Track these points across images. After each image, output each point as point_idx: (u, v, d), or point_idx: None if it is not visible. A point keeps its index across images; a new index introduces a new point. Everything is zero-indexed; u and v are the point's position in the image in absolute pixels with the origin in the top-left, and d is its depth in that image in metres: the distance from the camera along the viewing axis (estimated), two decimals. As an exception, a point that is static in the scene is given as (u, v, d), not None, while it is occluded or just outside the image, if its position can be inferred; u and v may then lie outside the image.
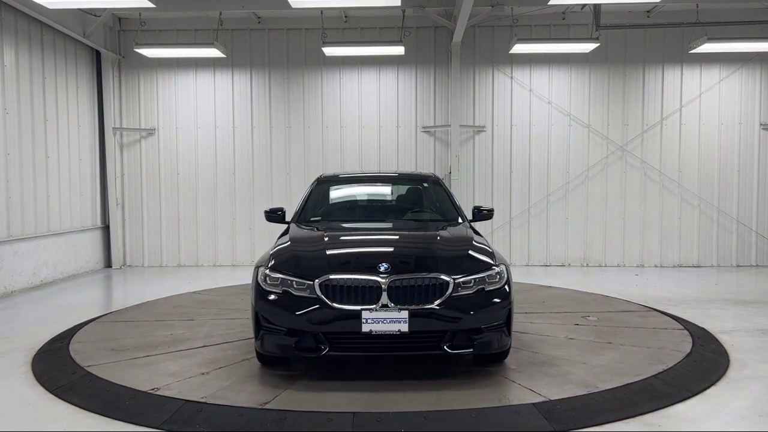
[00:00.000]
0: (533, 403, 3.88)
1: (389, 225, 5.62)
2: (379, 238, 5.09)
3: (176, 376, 4.50)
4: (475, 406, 3.87)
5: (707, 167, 10.50)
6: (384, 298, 4.09)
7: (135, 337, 5.63)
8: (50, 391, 4.29)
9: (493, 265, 4.42)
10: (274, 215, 5.70)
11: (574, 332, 5.71)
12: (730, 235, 10.55)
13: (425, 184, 6.29)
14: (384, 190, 6.41)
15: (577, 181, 10.57)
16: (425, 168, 10.59)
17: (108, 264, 10.74)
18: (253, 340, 4.44)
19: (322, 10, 9.85)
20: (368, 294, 4.11)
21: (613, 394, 4.07)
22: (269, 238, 7.64)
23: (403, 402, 3.97)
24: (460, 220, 5.57)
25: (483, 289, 4.25)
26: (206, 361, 4.86)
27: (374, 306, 4.07)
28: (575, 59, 10.42)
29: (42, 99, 9.01)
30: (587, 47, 9.63)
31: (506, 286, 4.36)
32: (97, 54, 10.46)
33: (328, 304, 4.11)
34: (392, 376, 4.45)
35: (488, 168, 10.62)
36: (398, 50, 9.53)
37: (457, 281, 4.18)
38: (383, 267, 4.18)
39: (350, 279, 4.15)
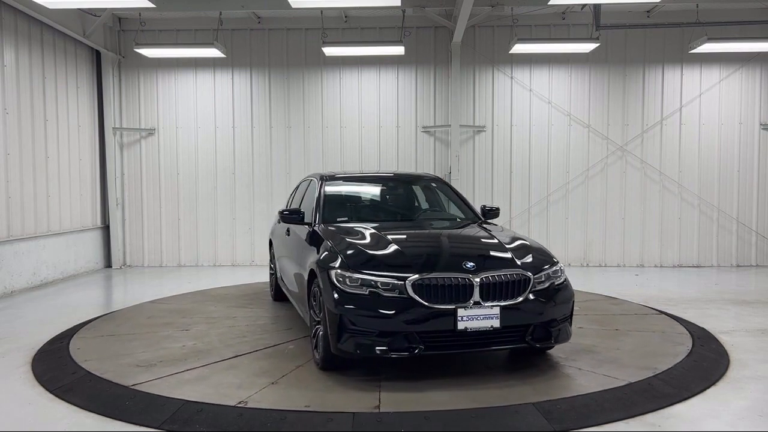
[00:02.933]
0: (533, 403, 3.88)
1: (430, 224, 5.69)
2: (441, 236, 5.15)
3: (246, 387, 4.22)
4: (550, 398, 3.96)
5: (707, 167, 10.50)
6: (476, 296, 4.15)
7: (146, 349, 5.18)
8: (50, 391, 4.29)
9: (556, 261, 4.66)
10: (293, 216, 5.55)
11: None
12: (730, 235, 10.55)
13: (434, 185, 6.46)
14: (398, 191, 6.40)
15: (577, 181, 10.57)
16: (425, 168, 10.59)
17: (108, 264, 10.75)
18: (312, 344, 4.52)
19: (322, 10, 9.85)
20: (461, 292, 4.15)
21: (613, 394, 4.06)
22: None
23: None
24: (470, 219, 5.82)
25: (553, 283, 4.48)
26: (260, 372, 4.57)
27: (467, 303, 4.13)
28: (575, 59, 10.42)
29: (42, 99, 9.02)
30: (587, 47, 9.63)
31: (567, 280, 4.63)
32: (97, 54, 10.46)
33: (422, 304, 4.09)
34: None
35: (488, 168, 10.62)
36: (398, 50, 9.53)
37: (535, 276, 4.36)
38: (469, 265, 4.26)
39: (443, 277, 4.16)
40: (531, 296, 4.30)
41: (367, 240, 4.83)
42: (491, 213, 5.91)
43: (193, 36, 10.51)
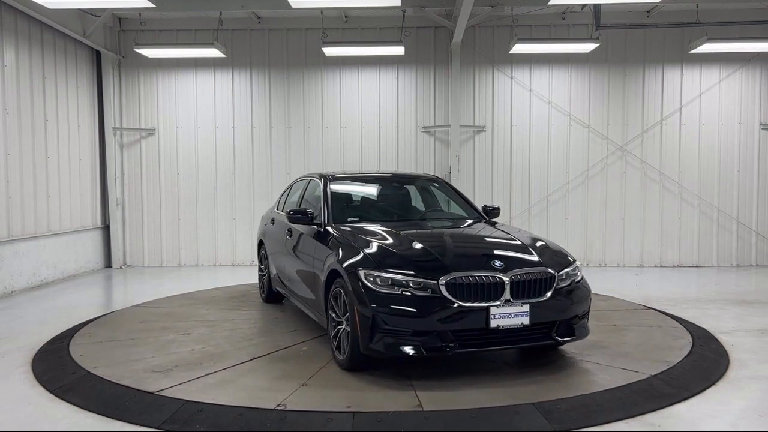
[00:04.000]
0: (533, 403, 3.88)
1: (442, 223, 5.74)
2: (462, 236, 5.23)
3: (277, 390, 4.14)
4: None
5: (707, 167, 10.50)
6: (507, 294, 4.22)
7: (155, 354, 5.02)
8: (50, 391, 4.29)
9: (574, 259, 4.80)
10: (302, 216, 5.47)
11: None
12: (730, 235, 10.55)
13: (435, 185, 6.53)
14: (403, 190, 6.40)
15: (577, 181, 10.57)
16: (425, 168, 10.60)
17: (108, 264, 10.75)
18: (345, 343, 4.50)
19: (322, 10, 9.85)
20: (492, 290, 4.21)
21: (612, 394, 4.06)
22: (269, 238, 7.65)
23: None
24: (477, 218, 5.90)
25: (573, 280, 4.61)
26: (283, 374, 4.51)
27: (499, 302, 4.19)
28: (575, 59, 10.42)
29: (42, 99, 9.02)
30: (587, 47, 9.63)
31: (583, 278, 4.79)
32: (98, 54, 10.47)
33: (455, 303, 4.13)
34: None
35: (488, 168, 10.62)
36: (398, 50, 9.53)
37: (558, 275, 4.47)
38: (498, 264, 4.34)
39: (475, 276, 4.21)
40: (555, 294, 4.40)
41: (389, 239, 4.83)
42: (493, 212, 6.01)
43: (193, 36, 10.51)
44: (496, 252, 4.65)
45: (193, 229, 10.82)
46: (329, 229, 5.25)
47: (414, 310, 4.11)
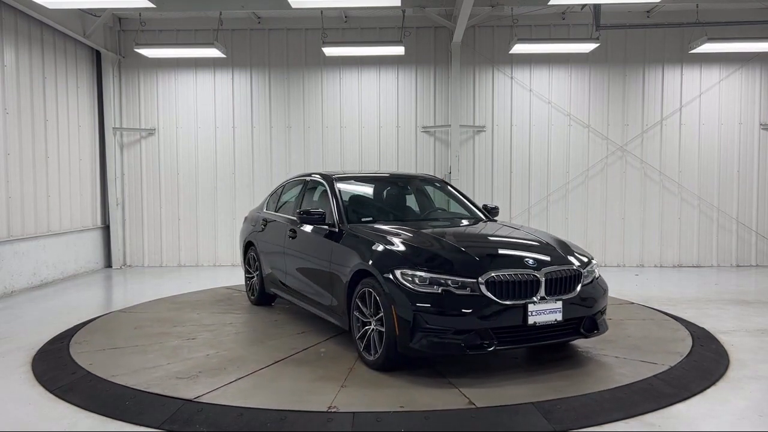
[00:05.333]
0: (533, 403, 3.88)
1: (460, 223, 5.79)
2: (489, 235, 5.30)
3: (320, 392, 4.10)
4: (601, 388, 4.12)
5: (707, 167, 10.50)
6: (542, 291, 4.33)
7: (170, 360, 4.83)
8: (50, 391, 4.29)
9: (591, 257, 4.93)
10: (314, 217, 5.38)
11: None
12: (730, 235, 10.55)
13: (437, 184, 6.60)
14: (408, 190, 6.41)
15: (577, 181, 10.57)
16: (425, 168, 10.60)
17: (108, 264, 10.75)
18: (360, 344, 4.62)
19: (322, 10, 9.85)
20: (528, 288, 4.30)
21: (612, 394, 4.06)
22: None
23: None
24: (483, 217, 6.04)
25: (594, 278, 4.78)
26: (316, 376, 4.44)
27: (535, 299, 4.29)
28: (575, 59, 10.42)
29: (42, 99, 9.02)
30: (587, 47, 9.63)
31: (600, 275, 4.94)
32: (98, 54, 10.47)
33: (495, 301, 4.20)
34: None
35: (488, 168, 10.62)
36: (398, 50, 9.53)
37: (583, 271, 4.62)
38: (531, 261, 4.45)
39: (513, 274, 4.29)
40: (582, 290, 4.55)
41: (415, 239, 4.83)
42: (493, 212, 6.15)
43: (193, 36, 10.51)
44: (526, 250, 4.72)
45: (193, 229, 10.82)
46: (346, 229, 5.20)
47: (456, 308, 4.16)
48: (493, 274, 4.25)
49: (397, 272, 4.33)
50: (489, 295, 4.20)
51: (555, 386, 4.18)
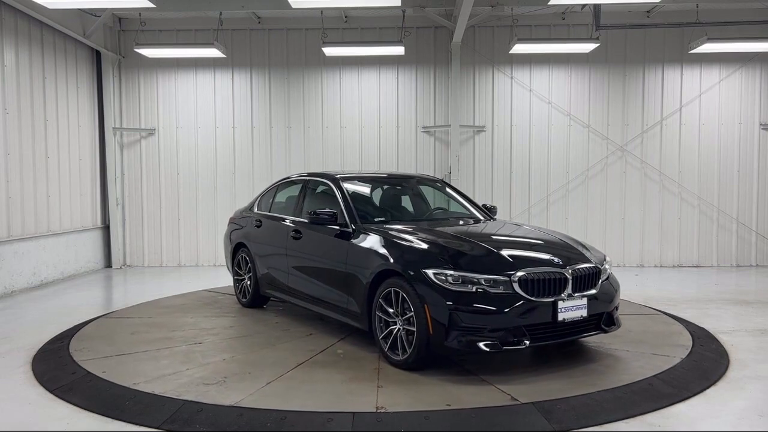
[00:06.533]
0: (533, 403, 3.88)
1: (473, 222, 5.86)
2: (511, 234, 5.41)
3: (358, 393, 4.09)
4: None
5: (707, 167, 10.50)
6: (569, 288, 4.45)
7: (187, 366, 4.69)
8: (50, 391, 4.29)
9: (604, 255, 5.07)
10: (325, 217, 5.31)
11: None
12: (730, 235, 10.55)
13: (438, 185, 6.68)
14: (413, 191, 6.41)
15: (577, 181, 10.57)
16: (425, 168, 10.59)
17: (108, 264, 10.75)
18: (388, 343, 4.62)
19: (322, 10, 9.85)
20: (557, 285, 4.42)
21: (613, 394, 4.06)
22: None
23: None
24: (488, 217, 6.14)
25: (610, 275, 4.95)
26: (345, 378, 4.41)
27: (563, 296, 4.41)
28: (575, 59, 10.42)
29: (42, 99, 9.02)
30: (587, 47, 9.63)
31: (612, 273, 5.07)
32: (98, 54, 10.47)
33: (528, 298, 4.29)
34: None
35: (488, 168, 10.62)
36: (398, 50, 9.53)
37: (602, 268, 4.78)
38: (557, 260, 4.57)
39: (544, 272, 4.40)
40: (602, 286, 4.70)
41: (442, 238, 4.86)
42: (492, 211, 6.31)
43: (193, 36, 10.51)
44: (550, 248, 4.84)
45: (193, 229, 10.82)
46: (361, 229, 5.15)
47: (491, 307, 4.22)
48: (525, 273, 4.33)
49: (429, 272, 4.34)
50: (521, 293, 4.28)
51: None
